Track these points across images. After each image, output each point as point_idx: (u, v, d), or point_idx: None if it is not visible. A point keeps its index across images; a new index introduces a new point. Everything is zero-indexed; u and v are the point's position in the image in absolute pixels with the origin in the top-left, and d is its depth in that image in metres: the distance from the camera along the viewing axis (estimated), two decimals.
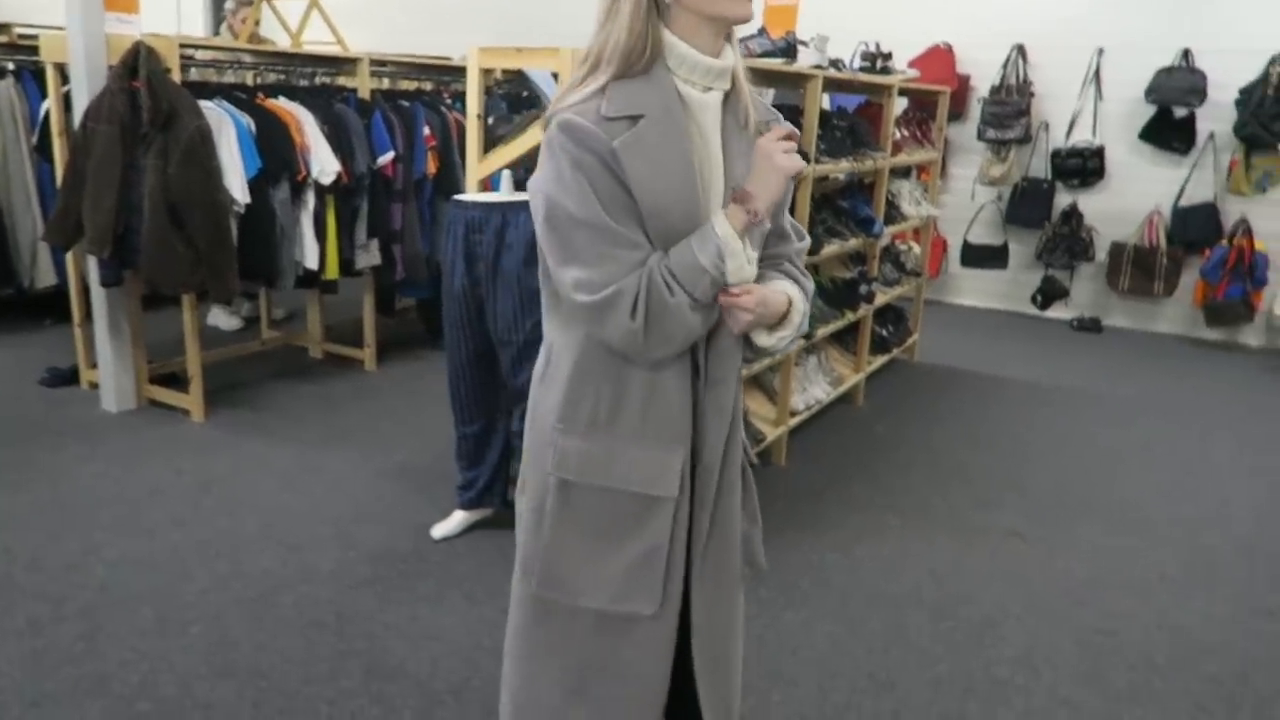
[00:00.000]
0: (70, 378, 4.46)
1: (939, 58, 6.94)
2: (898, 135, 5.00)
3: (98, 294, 4.09)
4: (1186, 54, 6.32)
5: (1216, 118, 6.28)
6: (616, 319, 1.37)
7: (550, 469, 1.51)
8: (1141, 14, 6.49)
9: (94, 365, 4.29)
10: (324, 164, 4.20)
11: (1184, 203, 6.46)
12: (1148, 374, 5.73)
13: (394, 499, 3.45)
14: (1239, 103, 6.08)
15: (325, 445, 3.92)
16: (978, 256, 7.12)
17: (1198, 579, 3.18)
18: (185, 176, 3.68)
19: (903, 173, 5.32)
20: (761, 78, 4.33)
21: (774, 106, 4.23)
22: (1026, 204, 6.91)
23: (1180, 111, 6.37)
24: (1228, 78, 6.14)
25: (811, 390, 4.26)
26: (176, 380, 4.32)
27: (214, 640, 2.54)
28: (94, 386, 4.32)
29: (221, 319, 5.60)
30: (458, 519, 3.20)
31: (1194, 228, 6.40)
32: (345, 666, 2.46)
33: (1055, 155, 6.77)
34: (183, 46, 4.13)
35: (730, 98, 1.46)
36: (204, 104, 3.84)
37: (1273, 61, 5.96)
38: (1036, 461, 4.18)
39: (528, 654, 1.62)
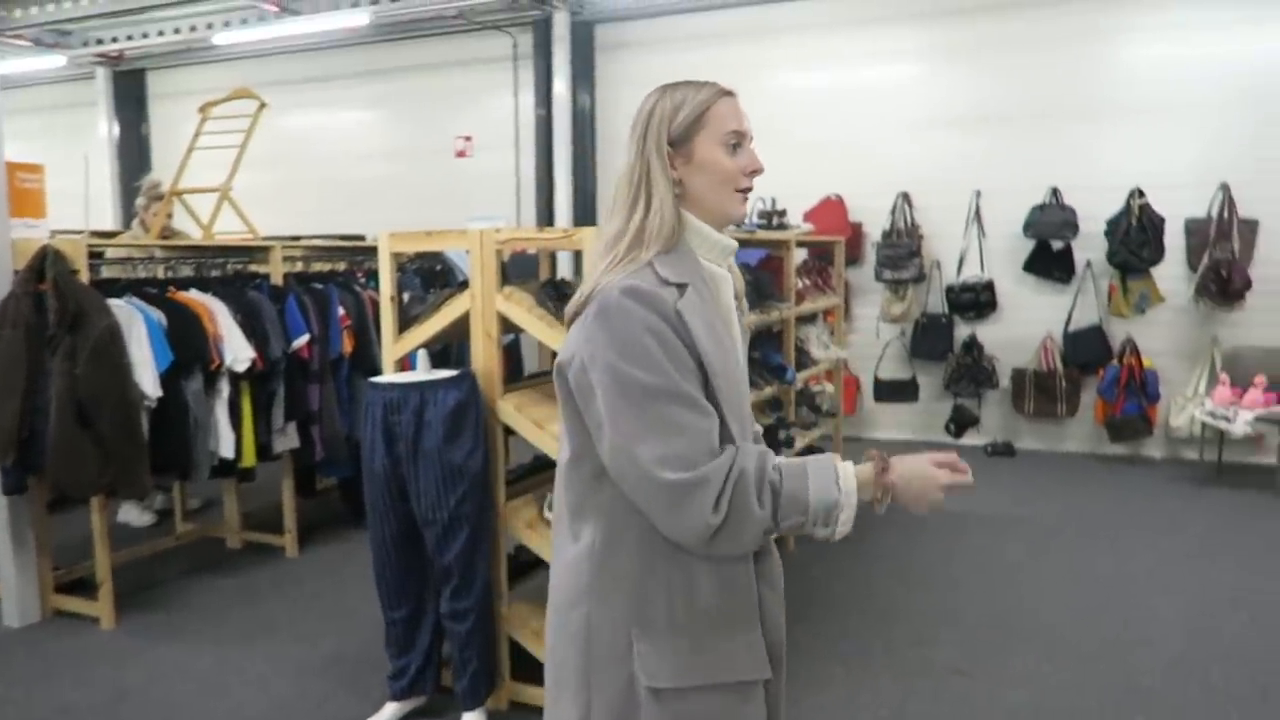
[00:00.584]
0: None
1: (831, 208, 7.37)
2: (800, 284, 5.24)
3: (0, 503, 3.93)
4: (1055, 192, 6.83)
5: (1090, 247, 6.75)
6: (699, 506, 1.35)
7: (641, 678, 1.45)
8: (1011, 158, 7.03)
9: None
10: (237, 352, 4.19)
11: (1073, 327, 6.85)
12: (1062, 493, 5.91)
13: (322, 695, 3.30)
14: (1107, 233, 6.57)
15: (247, 642, 3.75)
16: (889, 391, 7.36)
17: (1136, 703, 3.21)
18: (94, 375, 3.63)
19: (809, 319, 5.54)
20: None
21: None
22: (929, 338, 7.23)
23: (1057, 244, 6.84)
24: (1095, 210, 6.65)
25: None
26: (85, 586, 4.11)
27: None
28: None
29: (133, 515, 5.40)
30: (390, 711, 3.07)
31: (1084, 350, 6.76)
32: None
33: (949, 291, 7.15)
34: (91, 247, 4.15)
35: (733, 273, 1.63)
36: (113, 301, 3.84)
37: (1131, 195, 6.48)
38: (968, 593, 4.23)
39: None
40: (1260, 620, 3.86)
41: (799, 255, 5.48)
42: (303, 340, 4.51)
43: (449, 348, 4.70)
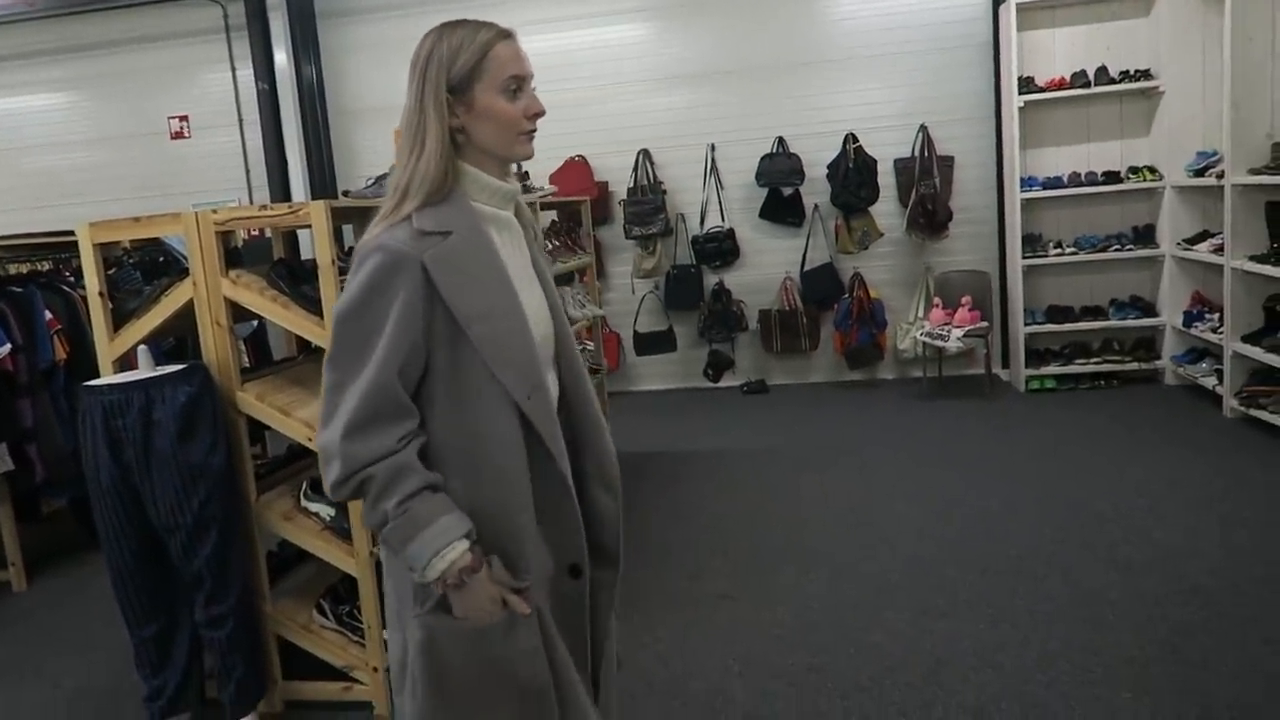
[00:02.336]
0: None
1: (576, 170, 7.44)
2: (550, 246, 5.27)
3: None
4: (781, 141, 7.25)
5: (816, 191, 7.23)
6: (329, 473, 1.49)
7: (415, 608, 1.61)
8: (741, 110, 7.37)
9: None
10: None
11: (807, 267, 7.34)
12: (811, 422, 6.37)
13: None
14: (829, 176, 7.07)
15: None
16: (648, 344, 7.59)
17: (883, 601, 3.53)
18: None
19: (564, 279, 5.59)
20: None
21: None
22: (680, 289, 7.50)
23: (787, 190, 7.27)
24: (817, 156, 7.13)
25: None
26: None
27: None
28: None
29: None
30: None
31: (819, 287, 7.27)
32: None
33: (695, 241, 7.45)
34: None
35: (520, 216, 1.68)
36: None
37: (846, 139, 7.00)
38: (733, 524, 4.48)
39: None
40: (981, 509, 4.35)
41: (546, 217, 5.51)
42: (4, 351, 4.04)
43: (184, 343, 4.38)
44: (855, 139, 7.00)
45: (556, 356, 1.66)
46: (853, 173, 6.94)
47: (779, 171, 7.18)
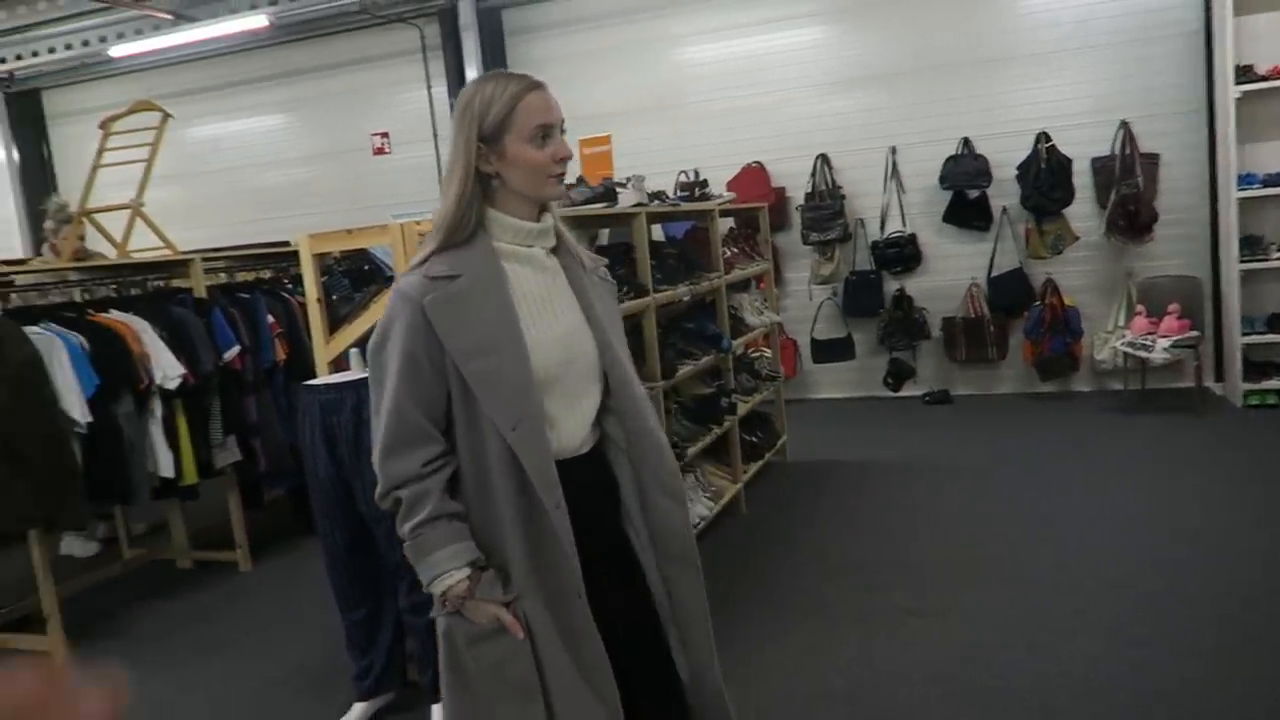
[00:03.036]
0: None
1: (753, 175, 7.45)
2: (728, 253, 5.30)
3: None
4: (966, 142, 6.99)
5: (1005, 193, 6.93)
6: (379, 481, 1.68)
7: None
8: (923, 112, 7.17)
9: None
10: (166, 369, 4.12)
11: (995, 273, 7.04)
12: (998, 434, 6.10)
13: (287, 705, 3.29)
14: (1019, 178, 6.76)
15: (205, 661, 3.71)
16: (826, 351, 7.49)
17: (1078, 624, 3.34)
18: (18, 407, 3.54)
19: (741, 286, 5.61)
20: (590, 222, 4.56)
21: (608, 245, 4.45)
22: (859, 295, 7.36)
23: (973, 193, 7.00)
24: (1006, 158, 6.83)
25: (694, 509, 4.34)
26: (32, 623, 4.02)
27: None
28: None
29: (76, 546, 5.27)
30: (358, 711, 3.07)
31: (1008, 294, 6.96)
32: None
33: (875, 247, 7.29)
34: (0, 275, 4.03)
35: (561, 250, 1.78)
36: (30, 330, 3.74)
37: (1038, 139, 6.67)
38: (916, 537, 4.35)
39: None
40: (1187, 533, 4.05)
41: (724, 224, 5.54)
42: (234, 352, 4.45)
43: None
44: (1048, 138, 6.67)
45: (604, 376, 1.75)
46: (1045, 173, 6.60)
47: (964, 174, 6.93)
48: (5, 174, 9.78)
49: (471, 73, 8.08)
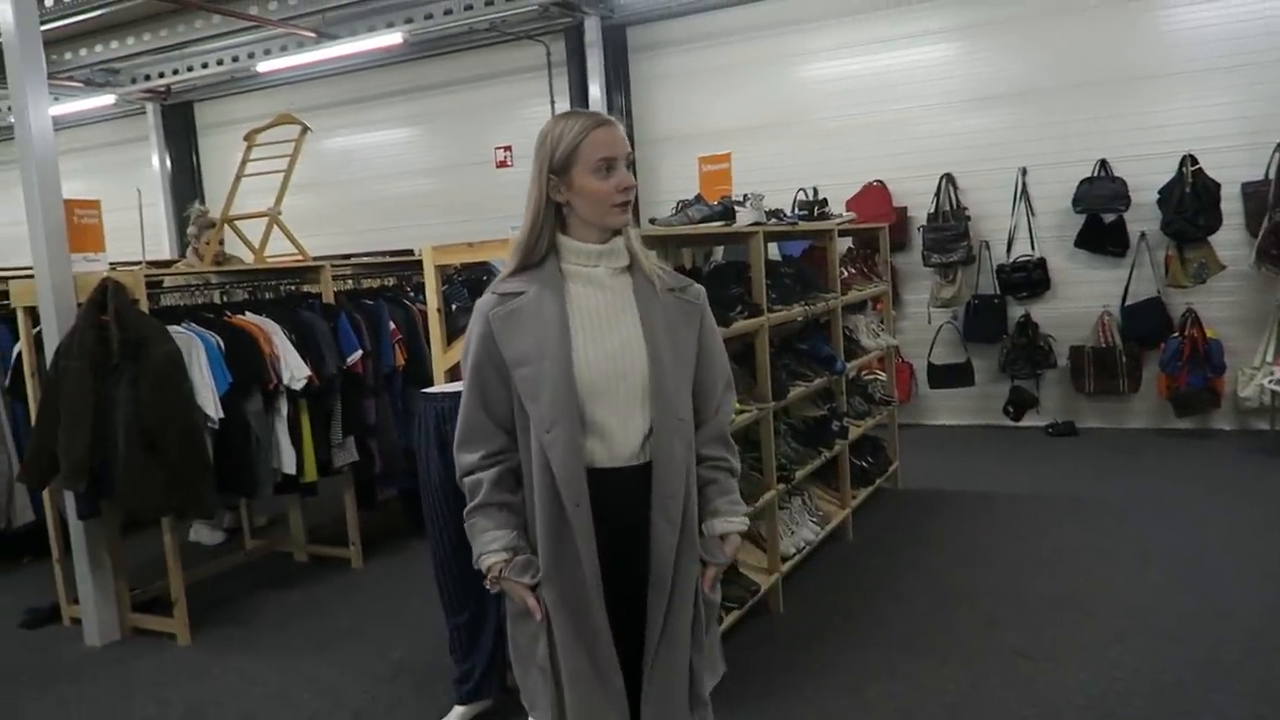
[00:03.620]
0: (51, 616, 4.37)
1: (874, 195, 7.30)
2: (845, 273, 5.20)
3: (76, 527, 4.07)
4: (1103, 164, 6.69)
5: (1143, 218, 6.60)
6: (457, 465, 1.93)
7: None
8: (1055, 132, 6.90)
9: (75, 600, 4.22)
10: (294, 370, 4.29)
11: (1130, 301, 6.70)
12: (1128, 471, 5.78)
13: (390, 702, 3.36)
14: (1160, 203, 6.41)
15: (317, 653, 3.83)
16: (943, 376, 7.26)
17: (1215, 681, 3.12)
18: (158, 401, 3.74)
19: (857, 307, 5.49)
20: (706, 239, 4.54)
21: (723, 263, 4.41)
22: (981, 320, 7.12)
23: (1109, 217, 6.69)
24: (1146, 180, 6.50)
25: (800, 532, 4.26)
26: (160, 604, 4.24)
27: None
28: (76, 622, 4.22)
29: (203, 534, 5.55)
30: (457, 715, 3.12)
31: (1144, 324, 6.61)
32: None
33: (1000, 271, 7.04)
34: (149, 276, 4.28)
35: (635, 269, 1.89)
36: (173, 328, 3.95)
37: (1183, 161, 6.32)
38: (1033, 574, 4.16)
39: None
40: None
41: (843, 244, 5.44)
42: (356, 356, 4.60)
43: None
44: (1194, 161, 6.32)
45: (651, 395, 1.83)
46: (1190, 198, 6.26)
47: (1100, 196, 6.63)
48: (158, 181, 10.43)
49: (595, 89, 8.20)
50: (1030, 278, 6.94)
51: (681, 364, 1.87)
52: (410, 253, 6.33)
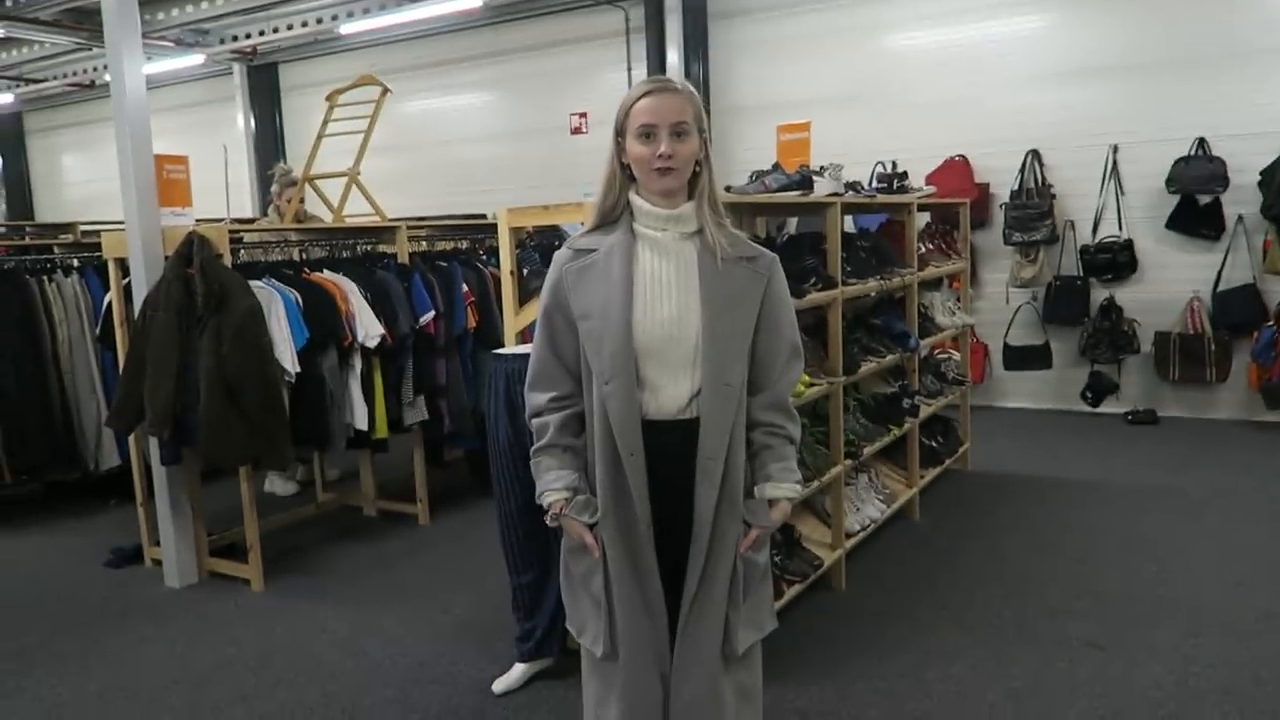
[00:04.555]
0: (134, 556, 4.56)
1: (955, 169, 7.11)
2: (923, 249, 5.08)
3: (159, 473, 4.22)
4: (1201, 142, 6.40)
5: (1241, 201, 6.31)
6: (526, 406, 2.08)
7: None
8: (1150, 108, 6.62)
9: (157, 543, 4.39)
10: (368, 328, 4.37)
11: (1223, 287, 6.43)
12: (1211, 463, 5.58)
13: (454, 655, 3.43)
14: (1261, 184, 6.12)
15: (383, 605, 3.93)
16: (1020, 358, 7.08)
17: None
18: (239, 354, 3.84)
19: (933, 284, 5.37)
20: (782, 209, 4.48)
21: (798, 234, 4.35)
22: (1062, 302, 6.91)
23: (1204, 198, 6.41)
24: (1246, 161, 6.21)
25: (865, 510, 4.21)
26: (236, 551, 4.39)
27: None
28: (157, 563, 4.40)
29: (277, 485, 5.72)
30: (518, 672, 3.16)
31: (1237, 311, 6.34)
32: None
33: (1084, 252, 6.81)
34: (232, 232, 4.38)
35: (702, 238, 1.96)
36: (254, 283, 4.05)
37: None
38: (1106, 564, 4.05)
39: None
40: None
41: (921, 219, 5.31)
42: (429, 316, 4.66)
43: None
44: None
45: (701, 361, 1.91)
46: None
47: (1196, 177, 6.36)
48: (242, 141, 10.67)
49: (673, 56, 8.12)
50: (1116, 260, 6.71)
51: (738, 334, 1.94)
52: (484, 217, 6.38)
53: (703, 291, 1.91)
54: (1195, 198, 6.44)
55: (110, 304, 4.54)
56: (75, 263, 5.38)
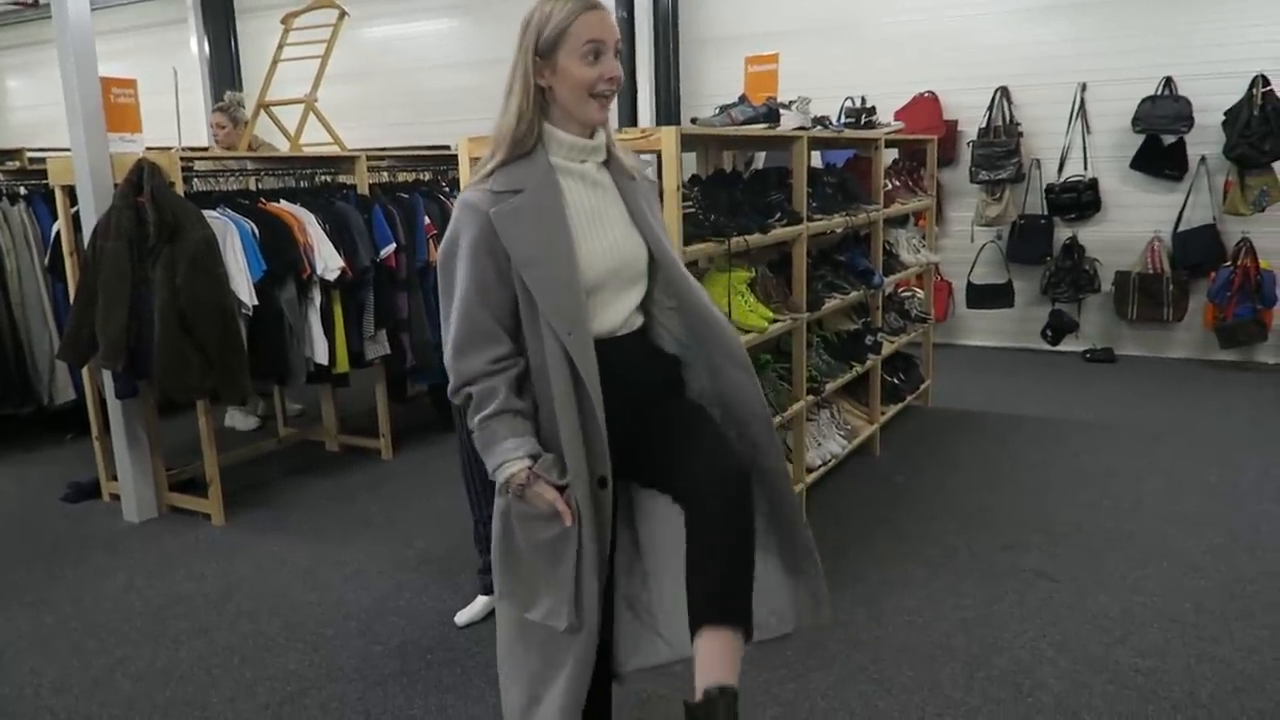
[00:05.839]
0: (92, 491, 4.51)
1: (924, 106, 7.06)
2: (889, 185, 5.06)
3: (114, 406, 4.16)
4: (1168, 82, 6.40)
5: (1205, 141, 6.34)
6: (451, 381, 1.82)
7: None
8: (1120, 47, 6.59)
9: (114, 477, 4.33)
10: (327, 261, 4.28)
11: (1183, 227, 6.49)
12: (1165, 401, 5.69)
13: (416, 589, 3.45)
14: (1226, 125, 6.15)
15: (345, 539, 3.93)
16: (983, 297, 7.13)
17: (1234, 609, 3.11)
18: (193, 285, 3.76)
19: (899, 221, 5.37)
20: (748, 142, 4.42)
21: (764, 169, 4.32)
22: (1026, 241, 6.95)
23: (1169, 138, 6.43)
24: (1211, 101, 6.23)
25: (826, 445, 4.25)
26: (196, 485, 4.35)
27: None
28: (115, 498, 4.35)
29: (238, 419, 5.66)
30: (481, 604, 3.19)
31: (1196, 251, 6.41)
32: None
33: (1049, 191, 6.83)
34: (184, 159, 4.26)
35: (612, 164, 1.90)
36: (208, 213, 3.95)
37: (1254, 83, 6.03)
38: (1059, 498, 4.14)
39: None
40: None
41: (888, 155, 5.28)
42: (390, 249, 4.59)
43: None
44: (1266, 82, 6.03)
45: (652, 279, 1.90)
46: (1257, 121, 5.99)
47: (1161, 116, 6.38)
48: (195, 65, 10.31)
49: None
50: (1080, 199, 6.73)
51: (669, 242, 1.94)
52: (447, 148, 6.25)
53: (632, 214, 1.88)
54: (1160, 137, 6.46)
55: (59, 233, 4.41)
56: (22, 190, 5.21)
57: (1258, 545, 3.59)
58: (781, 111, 3.88)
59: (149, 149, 4.14)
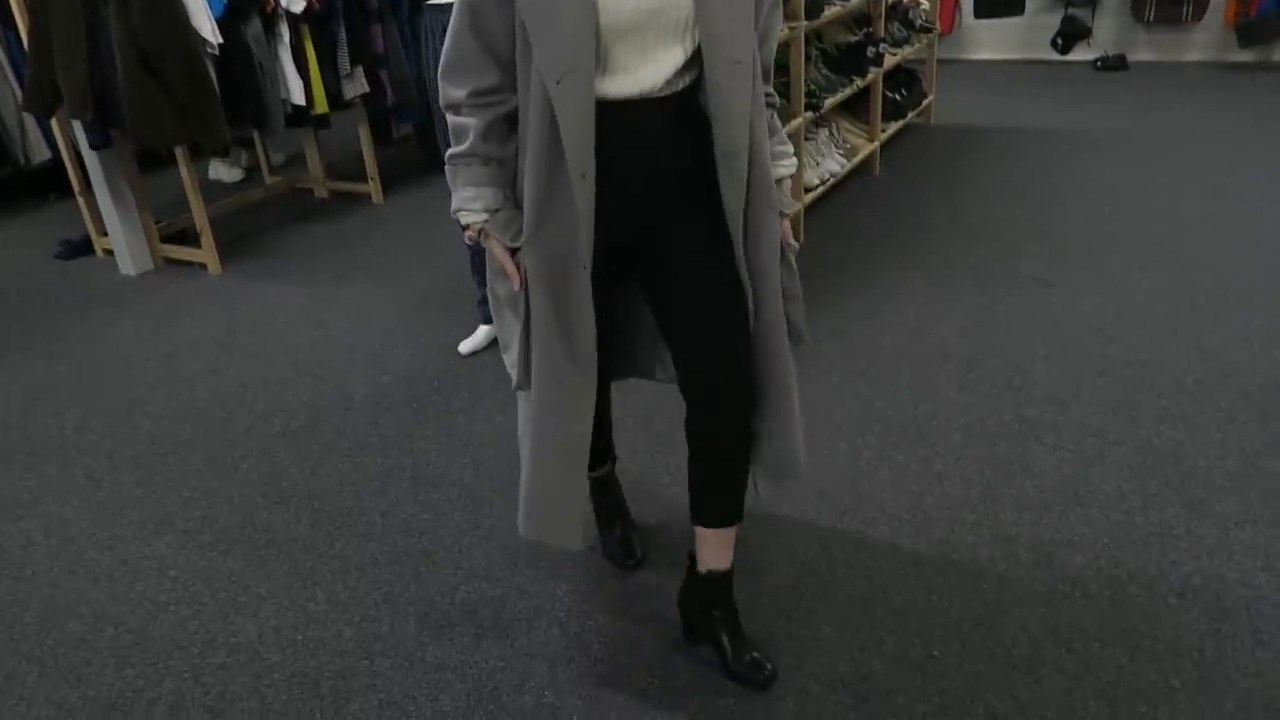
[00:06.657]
0: (84, 248, 4.47)
1: None
2: None
3: (92, 160, 4.03)
4: None
5: None
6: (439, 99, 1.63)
7: None
8: None
9: (105, 233, 4.28)
10: None
11: None
12: (1177, 107, 5.49)
13: (418, 323, 3.48)
14: None
15: (343, 282, 3.93)
16: (991, 5, 6.70)
17: (1231, 302, 3.14)
18: (152, 24, 3.52)
19: None
20: None
21: None
22: None
23: None
24: None
25: (825, 164, 4.14)
26: (187, 237, 4.31)
27: (265, 472, 2.64)
28: (109, 253, 4.32)
29: (222, 171, 5.52)
30: (483, 333, 3.23)
31: None
32: (392, 481, 2.55)
33: None
34: None
35: None
36: None
37: None
38: (1063, 209, 4.08)
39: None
40: None
41: None
42: None
43: None
44: None
45: (693, 30, 1.49)
46: None
47: None
48: None
49: None
50: None
51: (742, 8, 1.50)
52: None
53: None
54: None
55: None
56: None
57: (1261, 239, 3.57)
58: None
59: None
